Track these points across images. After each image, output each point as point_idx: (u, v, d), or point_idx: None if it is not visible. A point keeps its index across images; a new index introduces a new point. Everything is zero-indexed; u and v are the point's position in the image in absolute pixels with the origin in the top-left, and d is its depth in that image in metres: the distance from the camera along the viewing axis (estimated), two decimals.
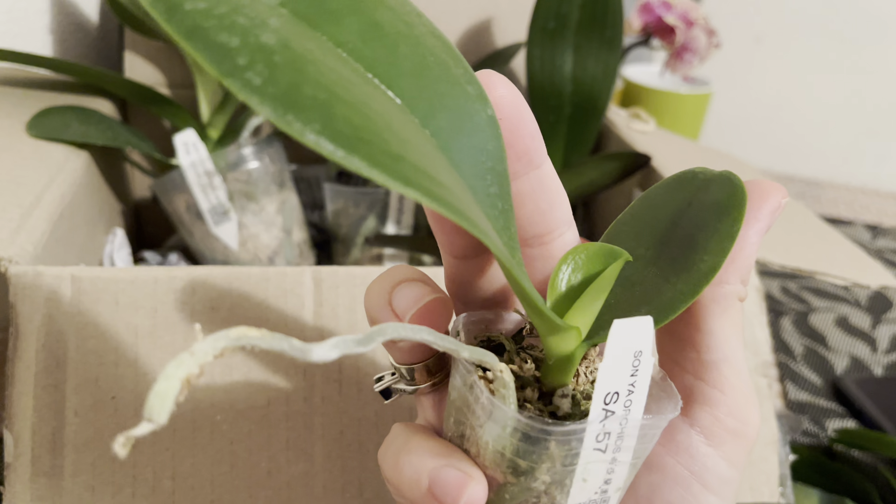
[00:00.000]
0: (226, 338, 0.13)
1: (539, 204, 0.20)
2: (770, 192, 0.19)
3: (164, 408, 0.12)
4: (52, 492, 0.29)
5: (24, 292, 0.30)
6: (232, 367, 0.31)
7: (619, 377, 0.17)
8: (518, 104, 0.18)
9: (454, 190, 0.14)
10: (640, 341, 0.17)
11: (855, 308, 0.68)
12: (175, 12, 0.12)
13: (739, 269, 0.20)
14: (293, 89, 0.12)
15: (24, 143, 0.39)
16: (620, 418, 0.17)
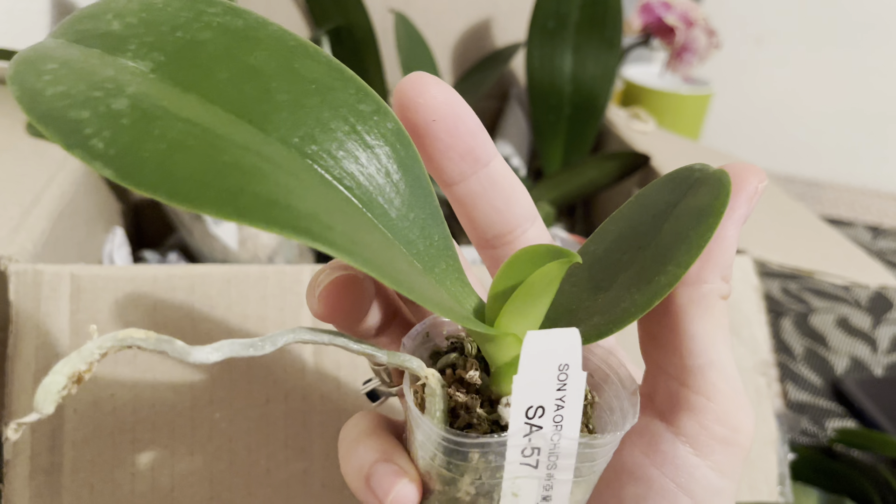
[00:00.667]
0: (112, 339, 0.13)
1: (494, 203, 0.20)
2: (746, 178, 0.18)
3: (48, 400, 0.13)
4: (51, 489, 0.29)
5: (24, 290, 0.30)
6: (231, 365, 0.31)
7: (541, 391, 0.16)
8: (453, 102, 0.18)
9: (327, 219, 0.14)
10: (565, 354, 0.16)
11: (855, 308, 0.68)
12: (37, 100, 0.13)
13: (719, 266, 0.18)
14: (133, 146, 0.13)
15: (24, 141, 0.39)
16: (550, 434, 0.16)
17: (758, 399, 0.34)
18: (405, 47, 0.48)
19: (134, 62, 0.15)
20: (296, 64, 0.16)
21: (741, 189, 0.18)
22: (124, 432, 0.30)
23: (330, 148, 0.16)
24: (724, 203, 0.17)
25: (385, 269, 0.14)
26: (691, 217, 0.17)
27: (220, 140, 0.14)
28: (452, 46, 0.57)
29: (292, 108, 0.16)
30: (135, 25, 0.16)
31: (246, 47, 0.16)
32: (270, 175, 0.14)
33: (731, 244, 0.18)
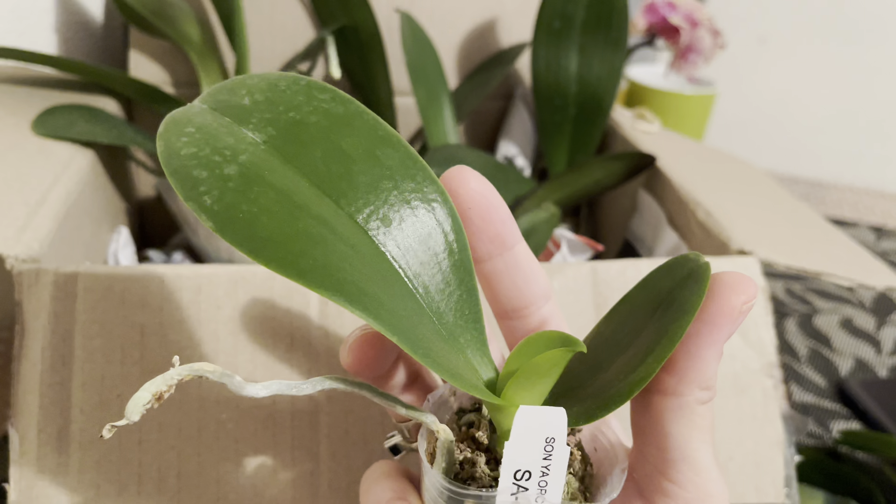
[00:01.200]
0: (189, 369, 0.17)
1: (515, 281, 0.22)
2: (730, 296, 0.19)
3: (136, 411, 0.16)
4: (58, 490, 0.29)
5: (30, 290, 0.30)
6: (237, 366, 0.31)
7: (528, 457, 0.18)
8: (487, 194, 0.21)
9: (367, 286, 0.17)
10: (552, 429, 0.18)
11: (859, 310, 0.68)
12: (173, 157, 0.17)
13: (695, 381, 0.19)
14: (232, 207, 0.16)
15: (30, 141, 0.39)
16: (535, 495, 0.18)
17: (764, 401, 0.34)
18: (411, 47, 0.47)
19: (252, 133, 0.18)
20: (378, 151, 0.19)
21: (723, 310, 0.19)
22: (131, 433, 0.30)
23: (389, 224, 0.19)
24: (696, 304, 0.18)
25: (405, 334, 0.17)
26: (674, 312, 0.19)
27: (298, 209, 0.17)
28: (458, 46, 0.57)
29: (367, 189, 0.19)
30: (260, 102, 0.19)
31: (342, 132, 0.19)
32: (331, 243, 0.17)
33: (711, 362, 0.20)
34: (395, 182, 0.19)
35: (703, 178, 0.47)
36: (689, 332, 0.19)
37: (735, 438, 0.34)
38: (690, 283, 0.19)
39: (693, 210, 0.42)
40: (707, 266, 0.19)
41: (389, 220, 0.19)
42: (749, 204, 0.46)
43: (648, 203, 0.47)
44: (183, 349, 0.30)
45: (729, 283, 0.19)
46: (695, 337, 0.19)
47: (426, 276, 0.19)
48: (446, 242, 0.20)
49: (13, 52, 0.42)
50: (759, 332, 0.35)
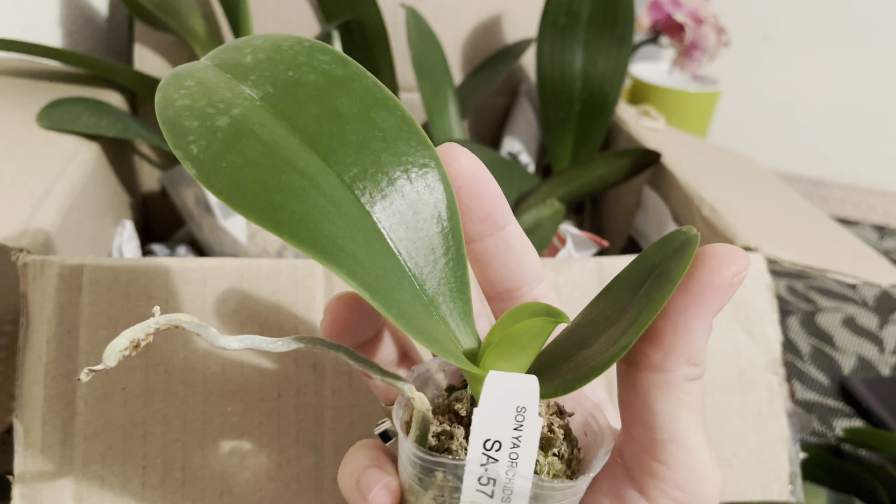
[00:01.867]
0: (166, 319, 0.17)
1: (506, 262, 0.22)
2: (719, 268, 0.18)
3: (112, 356, 0.16)
4: (62, 482, 0.29)
5: (36, 282, 0.30)
6: (242, 360, 0.30)
7: (498, 426, 0.18)
8: (478, 172, 0.21)
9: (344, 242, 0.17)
10: (523, 398, 0.17)
11: (862, 308, 0.68)
12: (168, 108, 0.17)
13: (683, 356, 0.19)
14: (217, 157, 0.17)
15: (35, 133, 0.39)
16: (505, 468, 0.18)
17: (769, 398, 0.34)
18: (416, 42, 0.47)
19: (250, 89, 0.19)
20: (373, 113, 0.19)
21: (712, 281, 0.18)
22: (136, 425, 0.30)
23: (377, 185, 0.19)
24: (680, 272, 0.18)
25: (381, 294, 0.17)
26: (659, 282, 0.18)
27: (284, 163, 0.17)
28: (463, 42, 0.57)
29: (357, 148, 0.19)
30: (262, 61, 0.19)
31: (339, 92, 0.19)
32: (312, 198, 0.17)
33: (699, 336, 0.19)
34: (387, 144, 0.19)
35: (708, 175, 0.47)
36: (676, 305, 0.18)
37: (740, 435, 0.34)
38: (678, 255, 0.18)
39: (698, 206, 0.42)
40: (696, 237, 0.19)
41: (377, 182, 0.19)
42: (754, 201, 0.46)
43: (653, 199, 0.47)
44: (188, 341, 0.30)
45: (718, 254, 0.18)
46: (682, 310, 0.18)
47: (410, 240, 0.19)
48: (436, 208, 0.19)
49: (18, 45, 0.42)
50: (765, 329, 0.35)
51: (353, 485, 0.21)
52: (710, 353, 0.34)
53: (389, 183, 0.19)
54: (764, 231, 0.39)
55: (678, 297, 0.19)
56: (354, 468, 0.21)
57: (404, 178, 0.19)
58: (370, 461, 0.21)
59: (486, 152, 0.48)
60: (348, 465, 0.21)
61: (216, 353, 0.30)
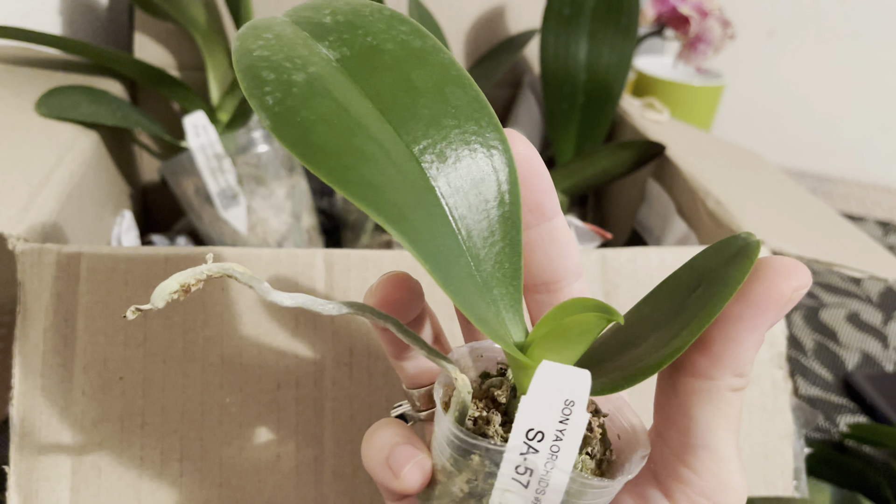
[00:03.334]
0: (219, 267, 0.17)
1: (549, 253, 0.22)
2: (780, 282, 0.18)
3: (161, 297, 0.16)
4: (58, 472, 0.29)
5: (33, 270, 0.29)
6: (242, 350, 0.30)
7: (544, 417, 0.17)
8: (533, 161, 0.21)
9: (409, 213, 0.17)
10: (573, 392, 0.17)
11: (866, 304, 0.67)
12: (245, 56, 0.18)
13: (730, 366, 0.19)
14: (292, 110, 0.17)
15: (33, 121, 0.38)
16: (545, 459, 0.17)
17: (774, 392, 0.34)
18: None
19: (327, 50, 0.19)
20: (447, 89, 0.19)
21: (770, 294, 0.18)
22: (133, 416, 0.29)
23: (444, 160, 0.19)
24: (739, 279, 0.17)
25: (440, 267, 0.17)
26: (716, 286, 0.18)
27: (357, 126, 0.17)
28: (466, 32, 0.57)
29: (428, 122, 0.19)
30: (341, 23, 0.19)
31: (415, 64, 0.19)
32: (381, 164, 0.17)
33: (750, 348, 0.19)
34: (458, 121, 0.19)
35: (713, 168, 0.46)
36: (730, 314, 0.18)
37: (744, 430, 0.33)
38: (737, 260, 0.18)
39: (703, 199, 0.41)
40: (758, 244, 0.18)
41: (445, 157, 0.19)
42: (759, 194, 0.45)
43: (657, 192, 0.47)
44: (187, 331, 0.30)
45: (780, 267, 0.18)
46: (736, 320, 0.18)
47: (471, 219, 0.19)
48: (499, 191, 0.19)
49: (18, 32, 0.41)
50: None
51: (381, 461, 0.20)
52: None
53: (457, 160, 0.19)
54: (769, 224, 0.39)
55: (733, 306, 0.18)
56: (383, 444, 0.20)
57: (471, 156, 0.19)
58: (401, 438, 0.20)
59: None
60: (376, 441, 0.21)
61: (215, 344, 0.30)
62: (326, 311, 0.18)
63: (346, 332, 0.31)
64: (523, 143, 0.20)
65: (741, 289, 0.18)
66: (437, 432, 0.20)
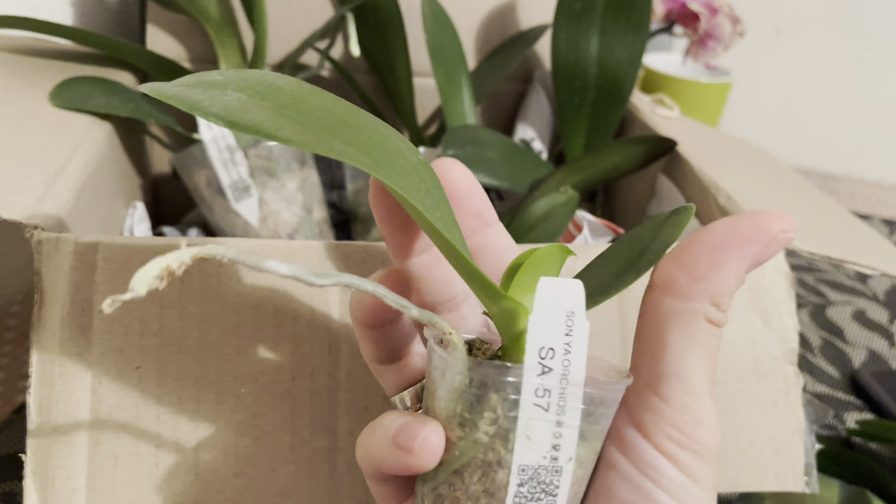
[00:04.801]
0: (202, 250, 0.17)
1: (496, 254, 0.24)
2: (770, 223, 0.19)
3: (143, 283, 0.15)
4: (75, 460, 0.29)
5: (50, 259, 0.29)
6: (257, 340, 0.30)
7: (551, 333, 0.18)
8: (469, 179, 0.23)
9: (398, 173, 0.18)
10: (571, 302, 0.18)
11: (873, 302, 0.68)
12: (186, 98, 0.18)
13: (709, 289, 0.19)
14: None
15: (48, 112, 0.38)
16: (559, 377, 0.18)
17: (786, 388, 0.34)
18: (431, 27, 0.47)
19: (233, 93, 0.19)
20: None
21: (759, 227, 0.19)
22: (149, 405, 0.29)
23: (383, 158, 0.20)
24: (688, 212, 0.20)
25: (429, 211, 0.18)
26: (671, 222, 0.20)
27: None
28: (478, 27, 0.57)
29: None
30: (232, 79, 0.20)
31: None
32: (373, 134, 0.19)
33: (730, 275, 0.19)
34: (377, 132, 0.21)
35: (724, 165, 0.46)
36: (717, 236, 0.19)
37: (755, 425, 0.34)
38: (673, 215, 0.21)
39: (714, 195, 0.41)
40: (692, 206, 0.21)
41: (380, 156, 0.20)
42: (770, 190, 0.45)
43: (668, 188, 0.47)
44: (202, 321, 0.30)
45: (769, 211, 0.19)
46: (721, 245, 0.19)
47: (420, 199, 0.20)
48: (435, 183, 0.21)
49: (30, 23, 0.41)
50: (782, 318, 0.34)
51: (388, 445, 0.20)
52: (727, 341, 0.34)
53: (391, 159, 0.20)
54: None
55: (721, 233, 0.19)
56: (387, 429, 0.20)
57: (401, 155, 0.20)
58: (403, 417, 0.20)
59: (499, 138, 0.47)
60: (377, 430, 0.21)
61: (230, 334, 0.30)
62: (317, 282, 0.17)
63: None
64: (461, 167, 0.23)
65: (730, 219, 0.19)
66: (439, 392, 0.20)
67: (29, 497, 0.28)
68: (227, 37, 0.48)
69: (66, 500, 0.29)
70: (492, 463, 0.19)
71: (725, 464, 0.33)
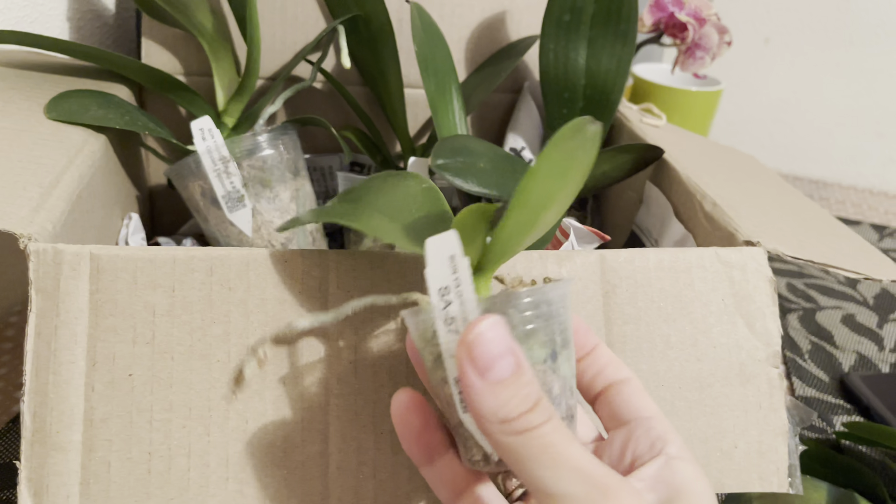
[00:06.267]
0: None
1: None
2: (461, 346, 0.22)
3: None
4: (69, 467, 0.29)
5: (44, 269, 0.30)
6: (248, 347, 0.31)
7: (442, 275, 0.23)
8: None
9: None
10: (451, 248, 0.23)
11: (862, 307, 0.68)
12: None
13: (486, 417, 0.22)
14: None
15: (43, 124, 0.39)
16: (458, 305, 0.24)
17: (770, 391, 0.35)
18: (421, 39, 0.48)
19: None
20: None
21: (461, 353, 0.22)
22: (142, 412, 0.30)
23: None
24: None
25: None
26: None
27: None
28: (468, 38, 0.57)
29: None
30: None
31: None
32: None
33: (481, 401, 0.22)
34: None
35: (710, 172, 0.47)
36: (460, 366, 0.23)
37: (740, 427, 0.34)
38: None
39: (700, 201, 0.42)
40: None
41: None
42: (756, 197, 0.46)
43: (655, 195, 0.48)
44: (194, 329, 0.31)
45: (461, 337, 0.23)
46: (462, 370, 0.23)
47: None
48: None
49: (27, 38, 0.42)
50: (766, 323, 0.35)
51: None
52: (713, 346, 0.34)
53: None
54: (765, 226, 0.39)
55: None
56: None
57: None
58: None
59: (489, 148, 0.48)
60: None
61: (221, 341, 0.31)
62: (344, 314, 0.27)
63: (351, 330, 0.31)
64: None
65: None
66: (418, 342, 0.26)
67: (24, 503, 0.29)
68: (221, 50, 0.49)
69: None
70: (442, 379, 0.25)
71: (710, 466, 0.34)
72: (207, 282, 0.31)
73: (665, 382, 0.34)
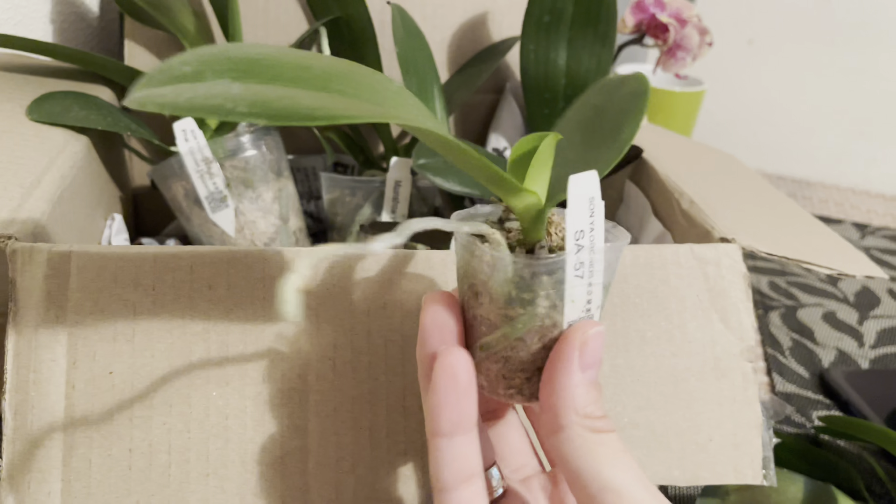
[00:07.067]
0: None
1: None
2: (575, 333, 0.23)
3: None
4: (50, 464, 0.29)
5: (24, 268, 0.30)
6: (228, 344, 0.31)
7: (581, 217, 0.22)
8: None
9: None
10: (591, 189, 0.22)
11: (843, 304, 0.69)
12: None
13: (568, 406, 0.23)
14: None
15: (25, 126, 0.39)
16: (588, 250, 0.23)
17: (744, 384, 0.35)
18: (402, 39, 0.48)
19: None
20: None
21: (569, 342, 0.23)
22: (123, 409, 0.30)
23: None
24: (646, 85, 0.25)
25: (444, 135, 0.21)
26: (627, 99, 0.24)
27: None
28: (449, 40, 0.58)
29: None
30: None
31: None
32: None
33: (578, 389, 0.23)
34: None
35: (688, 170, 0.48)
36: (547, 369, 0.24)
37: (715, 421, 0.35)
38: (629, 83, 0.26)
39: (678, 200, 0.42)
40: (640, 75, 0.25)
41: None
42: (734, 195, 0.47)
43: (635, 194, 0.48)
44: (175, 327, 0.31)
45: (578, 325, 0.24)
46: (550, 375, 0.23)
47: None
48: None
49: (9, 40, 0.42)
50: (740, 317, 0.36)
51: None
52: (688, 341, 0.35)
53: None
54: (742, 223, 0.40)
55: (548, 364, 0.23)
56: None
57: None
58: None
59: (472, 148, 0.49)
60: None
61: (201, 339, 0.31)
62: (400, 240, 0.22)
63: (330, 328, 0.32)
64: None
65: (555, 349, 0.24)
66: (492, 283, 0.24)
67: (5, 501, 0.29)
68: None
69: (42, 503, 0.29)
70: (548, 326, 0.24)
71: (686, 459, 0.34)
72: (188, 280, 0.31)
73: (641, 377, 0.34)
